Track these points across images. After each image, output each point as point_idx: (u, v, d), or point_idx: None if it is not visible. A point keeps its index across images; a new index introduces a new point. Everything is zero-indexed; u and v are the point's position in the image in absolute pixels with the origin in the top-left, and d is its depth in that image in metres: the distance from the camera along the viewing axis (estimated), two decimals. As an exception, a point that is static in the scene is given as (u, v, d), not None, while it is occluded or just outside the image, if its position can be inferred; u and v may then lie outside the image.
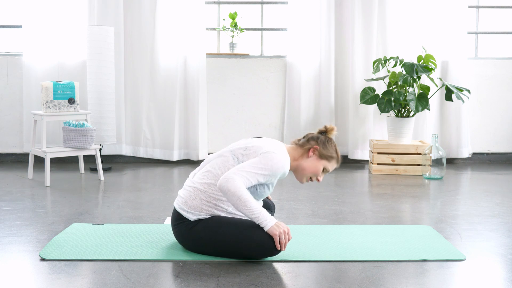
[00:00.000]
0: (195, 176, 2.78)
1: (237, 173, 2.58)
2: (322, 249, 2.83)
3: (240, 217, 2.71)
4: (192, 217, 2.69)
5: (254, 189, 2.69)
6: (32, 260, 2.67)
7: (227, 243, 2.62)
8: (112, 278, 2.43)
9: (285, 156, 2.70)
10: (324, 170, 2.84)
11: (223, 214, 2.69)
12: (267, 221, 2.56)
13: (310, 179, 2.85)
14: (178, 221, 2.74)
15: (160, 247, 2.84)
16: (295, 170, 2.83)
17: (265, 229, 2.57)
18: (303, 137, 2.88)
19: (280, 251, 2.61)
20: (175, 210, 2.77)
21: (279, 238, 2.56)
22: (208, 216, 2.68)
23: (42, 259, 2.67)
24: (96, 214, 3.57)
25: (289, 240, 2.59)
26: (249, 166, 2.61)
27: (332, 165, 2.84)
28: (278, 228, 2.56)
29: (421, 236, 3.09)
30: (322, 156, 2.81)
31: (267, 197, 3.12)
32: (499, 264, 2.69)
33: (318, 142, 2.82)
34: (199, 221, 2.68)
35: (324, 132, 2.89)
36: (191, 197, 2.70)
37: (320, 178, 2.84)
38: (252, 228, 2.60)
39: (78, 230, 3.14)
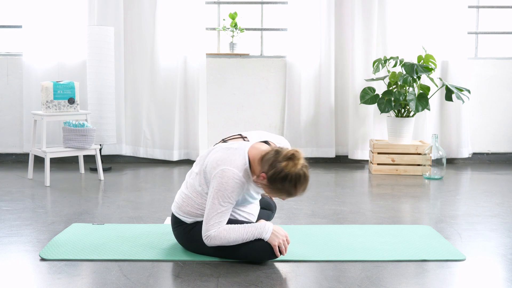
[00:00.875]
0: (188, 183, 2.76)
1: (209, 226, 2.53)
2: (322, 249, 2.83)
3: (235, 217, 2.71)
4: (188, 220, 2.71)
5: (241, 201, 2.67)
6: (32, 260, 2.67)
7: (227, 246, 2.63)
8: (112, 278, 2.43)
9: (234, 173, 2.50)
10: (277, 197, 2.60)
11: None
12: (263, 234, 2.57)
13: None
14: (176, 224, 2.75)
15: (160, 247, 2.84)
16: (253, 173, 2.58)
17: (265, 240, 2.58)
18: (271, 151, 2.52)
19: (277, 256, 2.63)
20: (173, 215, 2.79)
21: (278, 247, 2.59)
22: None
23: (42, 259, 2.67)
24: (96, 214, 3.57)
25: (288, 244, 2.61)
26: (211, 209, 2.52)
27: (284, 198, 2.56)
28: (276, 238, 2.57)
29: (421, 236, 3.09)
30: (269, 186, 2.52)
31: (270, 197, 3.08)
32: (499, 264, 2.69)
33: (268, 171, 2.47)
34: (196, 223, 2.69)
35: (291, 158, 2.48)
36: (184, 203, 2.72)
37: (284, 198, 2.58)
38: (250, 240, 2.60)
39: (78, 230, 3.14)
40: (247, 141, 2.68)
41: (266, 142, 2.71)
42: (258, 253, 2.60)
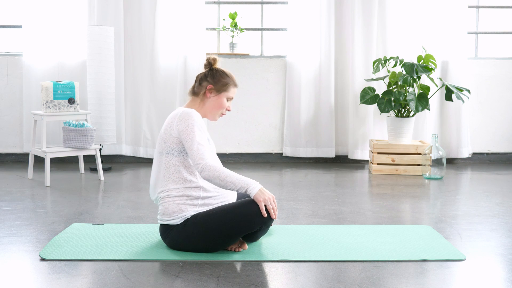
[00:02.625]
0: (155, 194, 2.82)
1: (197, 157, 2.64)
2: (322, 249, 2.83)
3: (217, 205, 2.77)
4: (177, 221, 2.72)
5: None
6: (32, 260, 2.67)
7: (221, 226, 2.66)
8: (112, 278, 2.43)
9: (188, 110, 2.76)
10: (228, 100, 2.89)
11: (199, 202, 2.73)
12: (252, 187, 2.63)
13: (222, 114, 2.92)
14: (167, 230, 2.76)
15: (160, 247, 2.84)
16: (205, 115, 2.88)
17: (251, 196, 2.64)
18: (195, 82, 2.91)
19: (271, 220, 2.67)
20: (161, 226, 2.81)
21: (265, 206, 2.62)
22: (192, 213, 2.71)
23: (42, 259, 2.67)
24: (96, 214, 3.57)
25: (275, 206, 2.66)
26: (192, 141, 2.66)
27: (232, 92, 2.89)
28: (262, 194, 2.63)
29: (421, 236, 3.09)
30: (219, 90, 2.85)
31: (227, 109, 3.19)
32: (499, 264, 2.69)
33: (209, 81, 2.85)
34: (186, 221, 2.70)
35: (209, 65, 2.91)
36: (165, 205, 2.74)
37: (230, 108, 2.90)
38: (238, 205, 2.67)
39: (78, 230, 3.14)
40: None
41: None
42: (250, 221, 2.64)
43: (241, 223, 2.65)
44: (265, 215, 2.63)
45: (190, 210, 2.72)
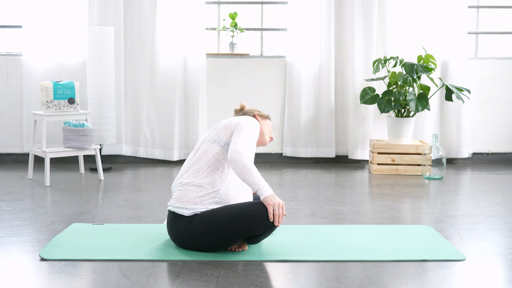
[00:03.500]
0: (179, 180, 2.84)
1: (240, 143, 2.74)
2: (322, 249, 2.83)
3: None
4: (187, 212, 2.71)
5: None
6: (32, 260, 2.67)
7: (224, 226, 2.65)
8: (112, 278, 2.43)
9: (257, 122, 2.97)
10: (269, 131, 3.12)
11: (216, 199, 2.73)
12: (265, 190, 2.64)
13: (270, 139, 3.14)
14: (174, 220, 2.76)
15: (160, 247, 2.84)
16: (261, 131, 3.08)
17: (261, 198, 2.64)
18: (238, 114, 3.17)
19: (275, 226, 2.66)
20: (169, 213, 2.80)
21: (273, 210, 2.62)
22: (203, 209, 2.70)
23: (42, 259, 2.67)
24: (96, 214, 3.57)
25: (283, 215, 2.65)
26: (244, 134, 2.80)
27: (271, 123, 3.26)
28: (273, 199, 2.64)
29: (421, 236, 3.09)
30: (263, 117, 3.11)
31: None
32: (499, 264, 2.69)
33: (249, 113, 3.12)
34: (194, 215, 2.70)
35: (241, 110, 3.17)
36: (183, 193, 2.75)
37: (272, 138, 3.15)
38: (244, 206, 2.67)
39: (78, 230, 3.14)
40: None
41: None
42: (253, 223, 2.64)
43: (245, 225, 2.64)
44: (271, 219, 2.62)
45: (202, 205, 2.72)
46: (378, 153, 5.13)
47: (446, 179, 4.86)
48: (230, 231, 2.66)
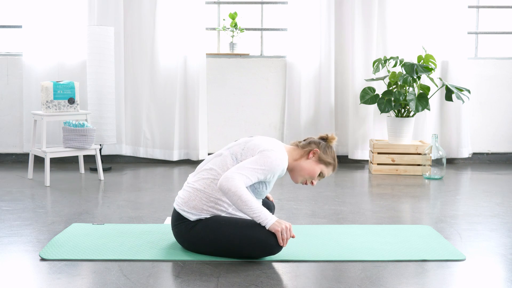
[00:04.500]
0: (194, 177, 2.78)
1: (237, 172, 2.59)
2: (322, 249, 2.83)
3: (240, 217, 2.71)
4: (192, 217, 2.69)
5: (252, 188, 2.70)
6: (32, 260, 2.67)
7: (228, 242, 2.62)
8: (112, 278, 2.43)
9: (283, 154, 2.73)
10: (320, 175, 2.86)
11: (223, 214, 2.70)
12: (268, 220, 2.57)
13: (306, 182, 2.87)
14: (178, 221, 2.74)
15: (160, 247, 2.84)
16: (293, 169, 2.85)
17: (267, 227, 2.57)
18: (304, 140, 2.91)
19: (281, 248, 2.62)
20: (175, 211, 2.77)
21: (281, 234, 2.57)
22: (208, 216, 2.69)
23: (42, 259, 2.67)
24: (96, 214, 3.57)
25: (292, 237, 2.61)
26: (248, 164, 2.63)
27: (328, 171, 2.88)
28: (280, 224, 2.57)
29: (421, 236, 3.09)
30: (320, 161, 2.84)
31: (267, 198, 3.13)
32: (499, 264, 2.69)
33: (319, 146, 2.85)
34: (199, 221, 2.69)
35: (325, 139, 2.91)
36: (191, 197, 2.71)
37: (315, 182, 2.87)
38: (252, 227, 2.60)
39: (78, 230, 3.14)
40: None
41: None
42: (258, 248, 2.59)
43: (248, 244, 2.60)
44: (282, 244, 2.59)
45: (207, 214, 2.70)
46: (378, 153, 5.13)
47: (446, 179, 4.86)
48: (231, 248, 2.63)
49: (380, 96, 5.18)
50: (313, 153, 2.82)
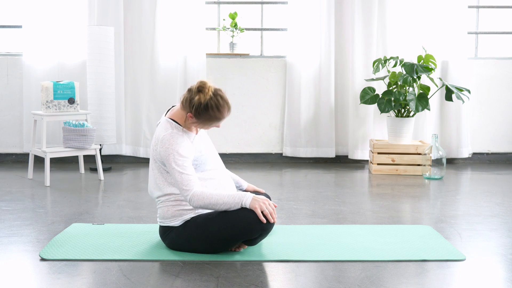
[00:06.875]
0: (156, 183, 2.80)
1: (184, 185, 2.60)
2: (322, 249, 2.83)
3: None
4: (177, 223, 2.73)
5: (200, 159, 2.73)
6: (32, 260, 2.67)
7: (220, 232, 2.65)
8: (112, 278, 2.43)
9: (167, 132, 2.67)
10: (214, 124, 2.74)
11: (192, 215, 2.72)
12: (244, 200, 2.61)
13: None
14: (167, 232, 2.76)
15: (160, 247, 2.84)
16: (190, 128, 2.76)
17: (247, 207, 2.61)
18: (182, 97, 2.71)
19: (273, 224, 2.64)
20: (160, 227, 2.82)
21: (261, 211, 2.59)
22: (192, 215, 2.72)
23: (42, 259, 2.67)
24: (96, 214, 3.57)
25: (274, 206, 2.63)
26: (176, 173, 2.62)
27: (218, 124, 2.73)
28: (256, 201, 2.60)
29: (421, 236, 3.09)
30: (200, 123, 2.70)
31: (259, 192, 3.11)
32: (499, 264, 2.69)
33: (191, 110, 2.66)
34: (186, 223, 2.71)
35: (198, 94, 2.66)
36: (164, 210, 2.76)
37: (219, 126, 2.76)
38: (238, 211, 2.63)
39: (78, 230, 3.14)
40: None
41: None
42: (251, 227, 2.60)
43: (240, 230, 2.63)
44: (264, 221, 2.60)
45: (189, 213, 2.72)
46: (378, 153, 5.13)
47: (446, 179, 4.86)
48: (226, 236, 2.65)
49: (380, 96, 5.18)
50: (189, 117, 2.69)
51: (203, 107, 2.63)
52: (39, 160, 5.39)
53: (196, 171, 2.73)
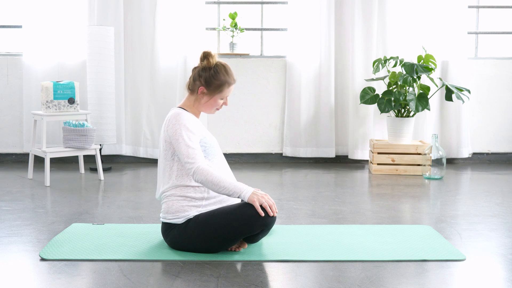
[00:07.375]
0: (164, 176, 2.82)
1: (190, 158, 2.64)
2: (322, 249, 2.83)
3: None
4: (179, 220, 2.72)
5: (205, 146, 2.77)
6: (32, 260, 2.67)
7: (222, 228, 2.65)
8: (112, 278, 2.43)
9: (179, 110, 2.77)
10: (224, 98, 2.84)
11: (203, 203, 2.73)
12: (244, 192, 2.62)
13: (219, 108, 2.89)
14: (169, 229, 2.76)
15: (160, 247, 2.84)
16: (201, 111, 2.87)
17: (245, 200, 2.63)
18: (190, 78, 2.85)
19: (274, 219, 2.65)
20: (163, 224, 2.81)
21: (260, 205, 2.61)
22: (195, 213, 2.71)
23: (42, 259, 2.67)
24: (96, 214, 3.57)
25: (273, 202, 2.65)
26: (181, 146, 2.66)
27: (227, 92, 2.82)
28: (255, 195, 2.62)
29: (421, 236, 3.09)
30: (212, 93, 2.80)
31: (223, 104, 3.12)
32: (499, 264, 2.69)
33: (201, 81, 2.79)
34: (188, 221, 2.71)
35: (205, 60, 2.82)
36: (169, 204, 2.75)
37: (226, 103, 2.87)
38: (237, 209, 2.65)
39: (78, 230, 3.14)
40: None
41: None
42: (251, 223, 2.61)
43: (242, 226, 2.64)
44: (262, 214, 2.61)
45: (193, 210, 2.72)
46: (378, 153, 5.13)
47: (446, 179, 4.86)
48: (227, 233, 2.66)
49: (380, 96, 5.18)
50: (201, 92, 2.79)
51: (213, 71, 2.78)
52: (39, 160, 5.39)
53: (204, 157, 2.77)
